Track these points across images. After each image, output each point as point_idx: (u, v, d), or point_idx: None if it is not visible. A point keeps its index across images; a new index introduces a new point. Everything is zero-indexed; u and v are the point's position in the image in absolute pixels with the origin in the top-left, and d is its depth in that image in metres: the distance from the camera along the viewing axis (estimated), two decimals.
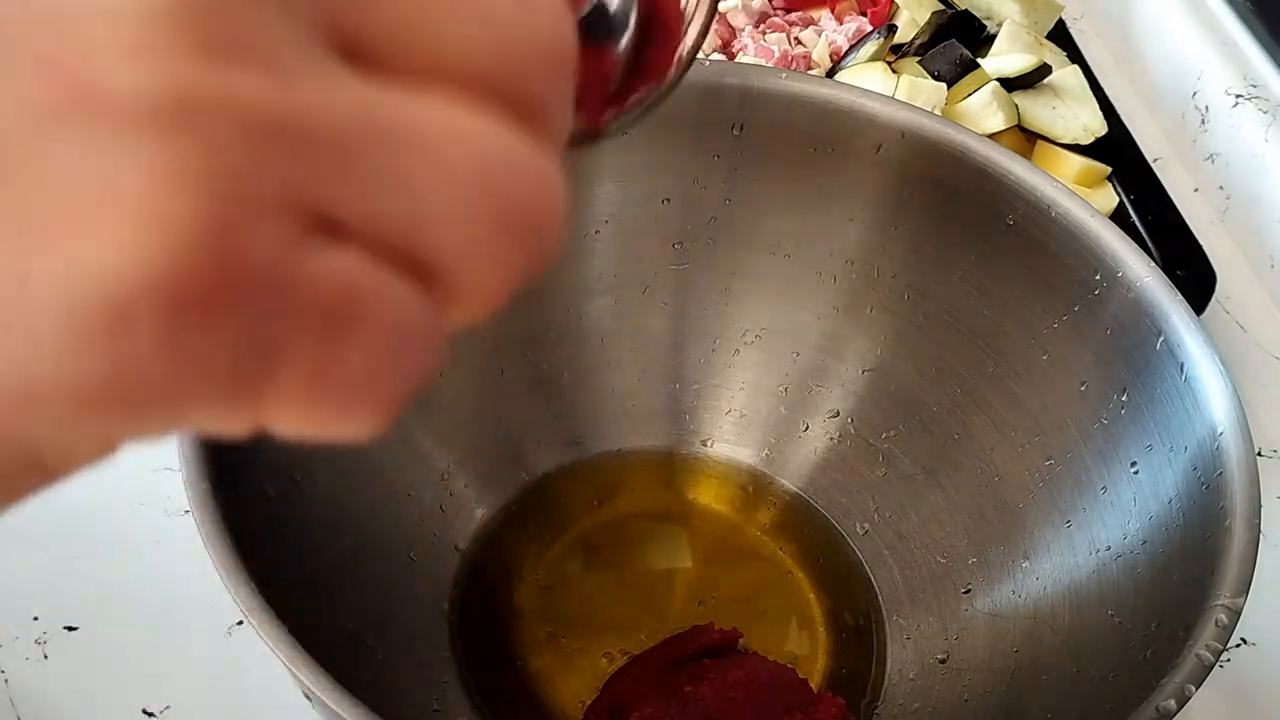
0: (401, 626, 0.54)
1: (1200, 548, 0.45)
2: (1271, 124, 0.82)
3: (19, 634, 0.57)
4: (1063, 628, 0.51)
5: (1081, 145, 0.80)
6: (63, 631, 0.58)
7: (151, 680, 0.56)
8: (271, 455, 0.49)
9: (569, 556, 0.60)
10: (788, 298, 0.62)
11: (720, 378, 0.64)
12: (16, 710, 0.55)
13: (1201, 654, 0.40)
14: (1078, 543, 0.53)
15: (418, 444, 0.58)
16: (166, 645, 0.57)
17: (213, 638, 0.57)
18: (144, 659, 0.57)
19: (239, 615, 0.39)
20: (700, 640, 0.55)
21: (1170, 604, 0.45)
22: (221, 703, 0.56)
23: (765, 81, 0.59)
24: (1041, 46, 0.86)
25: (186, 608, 0.58)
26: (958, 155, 0.57)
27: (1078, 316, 0.54)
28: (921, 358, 0.60)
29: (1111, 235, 0.53)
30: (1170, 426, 0.49)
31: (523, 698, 0.55)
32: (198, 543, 0.60)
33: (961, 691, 0.53)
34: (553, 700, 0.55)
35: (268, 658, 0.39)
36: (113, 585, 0.59)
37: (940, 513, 0.59)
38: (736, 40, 0.84)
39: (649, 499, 0.63)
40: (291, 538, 0.49)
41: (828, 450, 0.62)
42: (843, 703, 0.52)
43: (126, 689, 0.56)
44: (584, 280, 0.62)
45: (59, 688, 0.56)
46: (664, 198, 0.61)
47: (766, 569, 0.59)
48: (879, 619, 0.58)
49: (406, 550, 0.56)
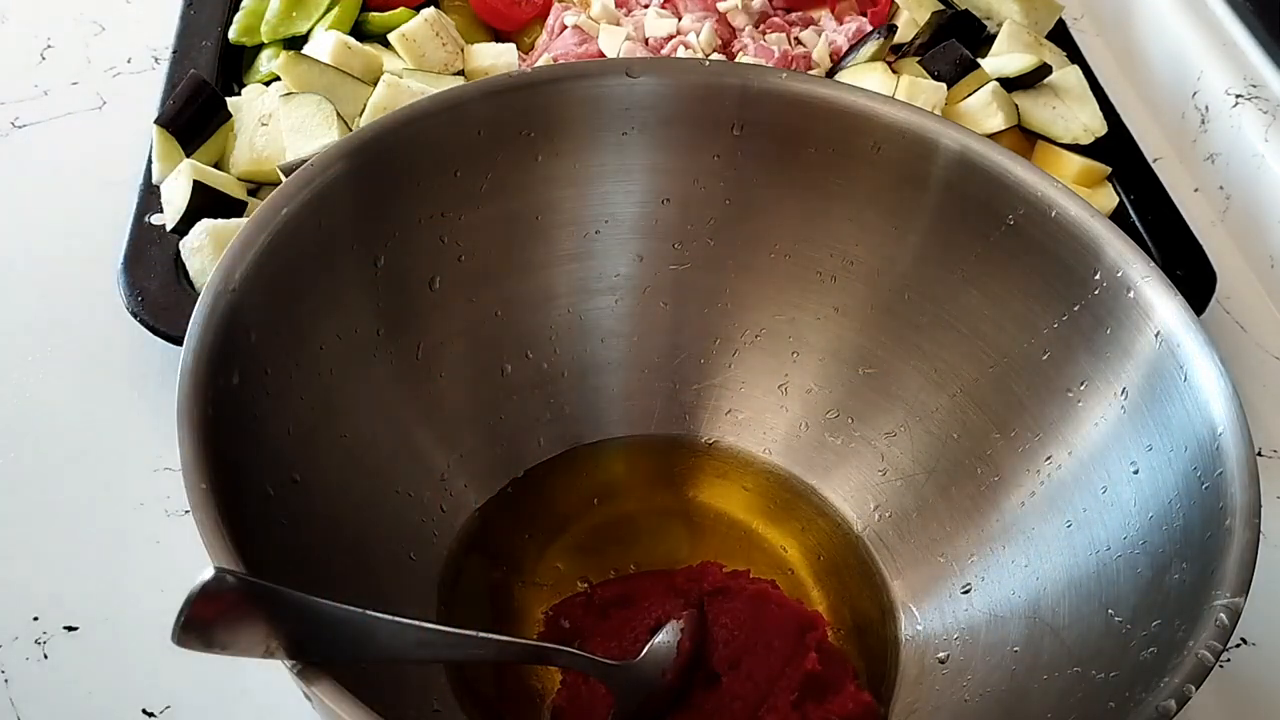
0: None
1: (1200, 547, 0.45)
2: (1272, 124, 0.82)
3: (19, 634, 0.57)
4: (1063, 627, 0.51)
5: (1081, 145, 0.80)
6: (63, 632, 0.58)
7: (151, 680, 0.56)
8: (271, 454, 0.49)
9: (568, 556, 0.59)
10: (787, 297, 0.62)
11: (720, 377, 0.64)
12: (17, 710, 0.55)
13: (1202, 654, 0.40)
14: (1078, 542, 0.52)
15: (418, 444, 0.58)
16: (166, 645, 0.57)
17: None
18: (144, 659, 0.57)
19: None
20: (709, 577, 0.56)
21: (1170, 604, 0.45)
22: (221, 702, 0.56)
23: (765, 81, 0.59)
24: (1041, 46, 0.86)
25: None
26: (958, 155, 0.57)
27: (1078, 316, 0.54)
28: (921, 357, 0.60)
29: (1112, 235, 0.53)
30: (1170, 426, 0.49)
31: (520, 698, 0.55)
32: (198, 542, 0.61)
33: (962, 691, 0.53)
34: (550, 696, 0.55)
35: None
36: (113, 585, 0.59)
37: (940, 512, 0.58)
38: (736, 40, 0.84)
39: (649, 498, 0.63)
40: (290, 536, 0.48)
41: (828, 449, 0.62)
42: (868, 698, 0.53)
43: (127, 689, 0.56)
44: (584, 280, 0.62)
45: (59, 688, 0.56)
46: (664, 198, 0.61)
47: (768, 567, 0.59)
48: (879, 618, 0.58)
49: (406, 550, 0.56)
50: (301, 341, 0.51)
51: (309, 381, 0.52)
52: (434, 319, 0.58)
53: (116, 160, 0.78)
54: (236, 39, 0.82)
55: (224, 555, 0.39)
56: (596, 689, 0.53)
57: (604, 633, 0.55)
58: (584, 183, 0.60)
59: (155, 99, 0.79)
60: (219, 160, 0.74)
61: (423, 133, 0.54)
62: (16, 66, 0.87)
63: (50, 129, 0.82)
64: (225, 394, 0.45)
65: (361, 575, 0.53)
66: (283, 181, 0.70)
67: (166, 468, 0.64)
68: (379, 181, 0.53)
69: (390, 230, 0.55)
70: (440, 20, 0.80)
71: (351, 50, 0.77)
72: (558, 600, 0.57)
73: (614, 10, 0.84)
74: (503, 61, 0.80)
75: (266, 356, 0.49)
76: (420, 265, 0.57)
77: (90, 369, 0.68)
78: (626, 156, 0.60)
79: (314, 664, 0.37)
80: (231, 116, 0.74)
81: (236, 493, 0.43)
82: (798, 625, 0.54)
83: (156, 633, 0.57)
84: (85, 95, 0.85)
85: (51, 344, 0.69)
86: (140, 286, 0.66)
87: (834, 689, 0.53)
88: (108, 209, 0.74)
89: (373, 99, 0.74)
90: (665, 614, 0.55)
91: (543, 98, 0.57)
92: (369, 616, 0.39)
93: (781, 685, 0.52)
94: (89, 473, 0.64)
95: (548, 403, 0.62)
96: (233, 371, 0.46)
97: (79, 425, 0.66)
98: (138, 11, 0.92)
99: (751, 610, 0.54)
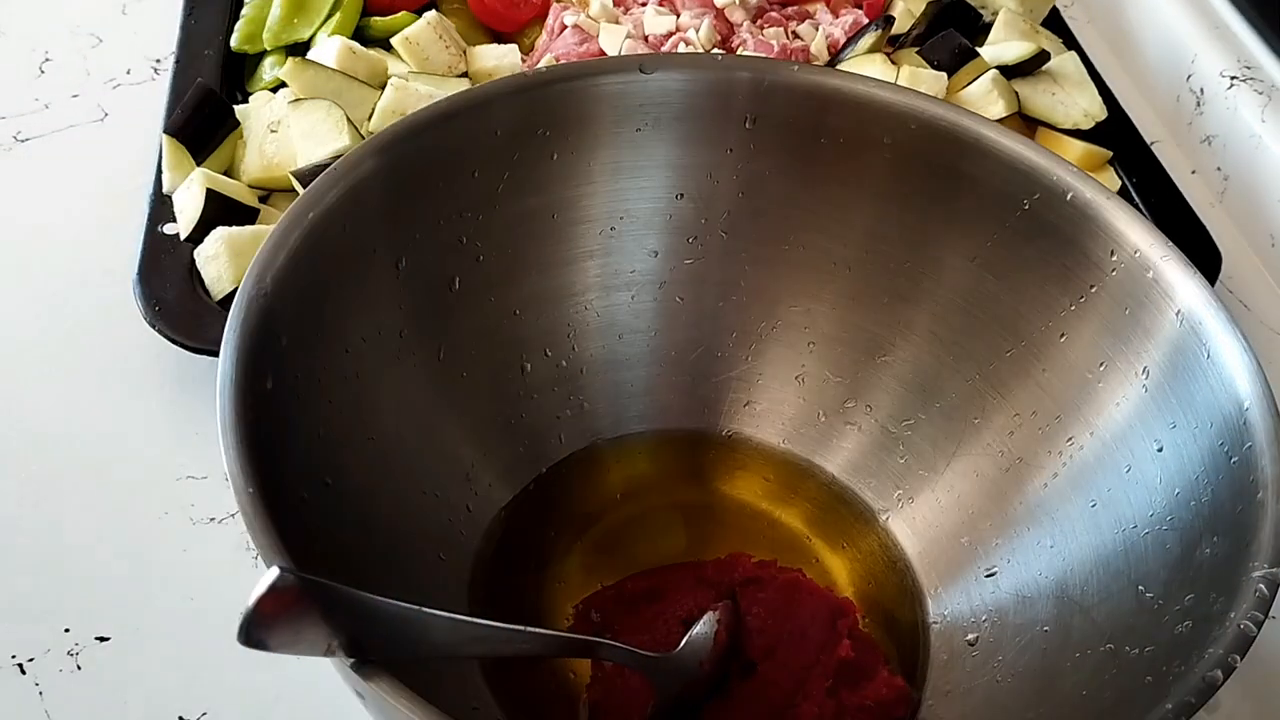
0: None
1: (1232, 521, 0.45)
2: (1268, 104, 0.83)
3: (51, 646, 0.57)
4: (1092, 606, 0.51)
5: (1082, 130, 0.81)
6: (94, 642, 0.58)
7: (186, 686, 0.56)
8: (303, 459, 0.49)
9: (594, 551, 0.60)
10: (803, 288, 0.63)
11: (738, 370, 0.64)
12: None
13: (1244, 625, 0.41)
14: (1103, 522, 0.53)
15: (443, 444, 0.58)
16: (200, 651, 0.57)
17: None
18: (178, 666, 0.57)
19: None
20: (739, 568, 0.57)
21: (1203, 577, 0.46)
22: (259, 705, 0.56)
23: (776, 74, 0.59)
24: (1037, 34, 0.87)
25: (218, 612, 0.58)
26: (970, 141, 0.57)
27: (1095, 297, 0.55)
28: (938, 344, 0.60)
29: (1128, 217, 0.54)
30: (1194, 403, 0.50)
31: (555, 694, 0.55)
32: (225, 548, 0.61)
33: (993, 672, 0.53)
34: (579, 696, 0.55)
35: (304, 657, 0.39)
36: (142, 595, 0.59)
37: (963, 497, 0.59)
38: (735, 36, 0.84)
39: (671, 491, 0.63)
40: (327, 541, 0.49)
41: (848, 439, 0.63)
42: (901, 682, 0.53)
43: (162, 696, 0.56)
44: (601, 277, 0.62)
45: (93, 698, 0.56)
46: (678, 193, 0.61)
47: (794, 557, 0.59)
48: (906, 603, 0.58)
49: (435, 550, 0.56)
50: (329, 345, 0.52)
51: (336, 384, 0.52)
52: (455, 320, 0.58)
53: (122, 171, 0.78)
54: (239, 47, 0.82)
55: (278, 556, 0.39)
56: (631, 682, 0.53)
57: (635, 626, 0.55)
58: (599, 180, 0.60)
59: (157, 109, 0.79)
60: (228, 168, 0.74)
61: (446, 133, 0.54)
62: (16, 80, 0.87)
63: (53, 142, 0.82)
64: (261, 399, 0.46)
65: (395, 576, 0.53)
66: (296, 188, 0.71)
67: (189, 476, 0.64)
68: (403, 181, 0.54)
69: (412, 232, 0.55)
70: (442, 23, 0.80)
71: (356, 55, 0.77)
72: (586, 595, 0.57)
73: (613, 9, 0.84)
74: (506, 63, 0.80)
75: (297, 360, 0.49)
76: (440, 266, 0.57)
77: (108, 380, 0.68)
78: (641, 153, 0.60)
79: (372, 662, 0.37)
80: (240, 124, 0.74)
81: (277, 498, 0.43)
82: (829, 612, 0.55)
83: (189, 640, 0.58)
84: (87, 107, 0.85)
85: (69, 356, 0.69)
86: (156, 296, 0.66)
87: (867, 675, 0.53)
88: (117, 220, 0.74)
89: (381, 102, 0.75)
90: (696, 605, 0.55)
91: (560, 96, 0.57)
92: (425, 614, 0.39)
93: (816, 673, 0.53)
94: (113, 483, 0.64)
95: (568, 400, 0.63)
96: (266, 376, 0.46)
97: (100, 436, 0.66)
98: (134, 23, 0.92)
99: (783, 599, 0.55)
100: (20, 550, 0.61)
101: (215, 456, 0.42)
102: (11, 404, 0.67)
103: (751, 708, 0.52)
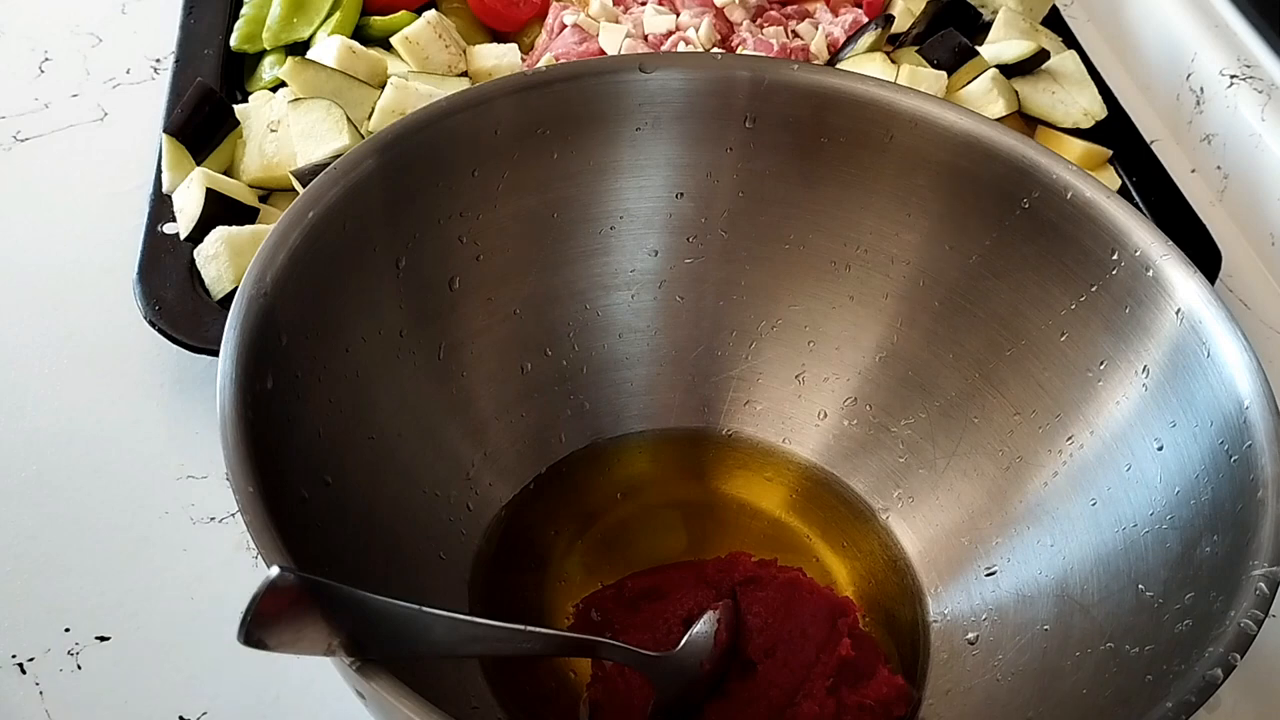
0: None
1: (1232, 520, 0.45)
2: (1268, 103, 0.83)
3: (51, 646, 0.57)
4: (1092, 605, 0.51)
5: (1082, 129, 0.81)
6: (95, 641, 0.58)
7: (187, 686, 0.56)
8: (303, 458, 0.49)
9: (595, 550, 0.60)
10: (802, 288, 0.63)
11: (738, 369, 0.64)
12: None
13: (1244, 623, 0.41)
14: (1103, 520, 0.53)
15: (443, 443, 0.58)
16: (200, 650, 0.57)
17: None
18: (178, 665, 0.57)
19: None
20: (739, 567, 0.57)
21: (1203, 576, 0.46)
22: (259, 705, 0.56)
23: (777, 73, 0.59)
24: (1037, 33, 0.87)
25: (217, 611, 0.58)
26: (970, 140, 0.57)
27: (1095, 296, 0.55)
28: (938, 343, 0.60)
29: (1128, 215, 0.54)
30: (1194, 402, 0.50)
31: (555, 694, 0.55)
32: (225, 547, 0.61)
33: (993, 670, 0.53)
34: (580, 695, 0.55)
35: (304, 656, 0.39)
36: (143, 594, 0.59)
37: (963, 496, 0.59)
38: (735, 35, 0.84)
39: (671, 490, 0.63)
40: (327, 540, 0.49)
41: (847, 437, 0.63)
42: (901, 681, 0.53)
43: (162, 695, 0.56)
44: (600, 276, 0.62)
45: (94, 697, 0.56)
46: (678, 192, 0.61)
47: (794, 556, 0.59)
48: (906, 602, 0.58)
49: (436, 550, 0.56)
50: (329, 343, 0.52)
51: (337, 383, 0.52)
52: (454, 319, 0.58)
53: (122, 170, 0.78)
54: (238, 46, 0.82)
55: (278, 556, 0.39)
56: (632, 681, 0.53)
57: (636, 625, 0.55)
58: (599, 179, 0.60)
59: (157, 109, 0.79)
60: (228, 168, 0.74)
61: (446, 131, 0.54)
62: (15, 80, 0.87)
63: (53, 141, 0.82)
64: (261, 398, 0.46)
65: (396, 575, 0.53)
66: (296, 187, 0.71)
67: (189, 475, 0.64)
68: (404, 180, 0.54)
69: (411, 231, 0.55)
70: (442, 22, 0.80)
71: (356, 54, 0.77)
72: (587, 595, 0.57)
73: (612, 8, 0.84)
74: (505, 62, 0.80)
75: (297, 359, 0.49)
76: (440, 265, 0.57)
77: (109, 379, 0.68)
78: (641, 152, 0.60)
79: (372, 661, 0.37)
80: (239, 124, 0.74)
81: (277, 497, 0.43)
82: (829, 612, 0.55)
83: (189, 639, 0.58)
84: (86, 107, 0.85)
85: (69, 356, 0.69)
86: (157, 295, 0.66)
87: (867, 674, 0.53)
88: (116, 219, 0.74)
89: (381, 102, 0.75)
90: (697, 605, 0.55)
91: (560, 95, 0.57)
92: (425, 613, 0.39)
93: (816, 672, 0.53)
94: (113, 483, 0.64)
95: (568, 399, 0.63)
96: (267, 375, 0.46)
97: (101, 436, 0.66)
98: (134, 22, 0.92)
99: (783, 598, 0.55)
100: (20, 550, 0.61)
101: (215, 456, 0.42)
102: (11, 404, 0.67)
103: (752, 707, 0.52)
